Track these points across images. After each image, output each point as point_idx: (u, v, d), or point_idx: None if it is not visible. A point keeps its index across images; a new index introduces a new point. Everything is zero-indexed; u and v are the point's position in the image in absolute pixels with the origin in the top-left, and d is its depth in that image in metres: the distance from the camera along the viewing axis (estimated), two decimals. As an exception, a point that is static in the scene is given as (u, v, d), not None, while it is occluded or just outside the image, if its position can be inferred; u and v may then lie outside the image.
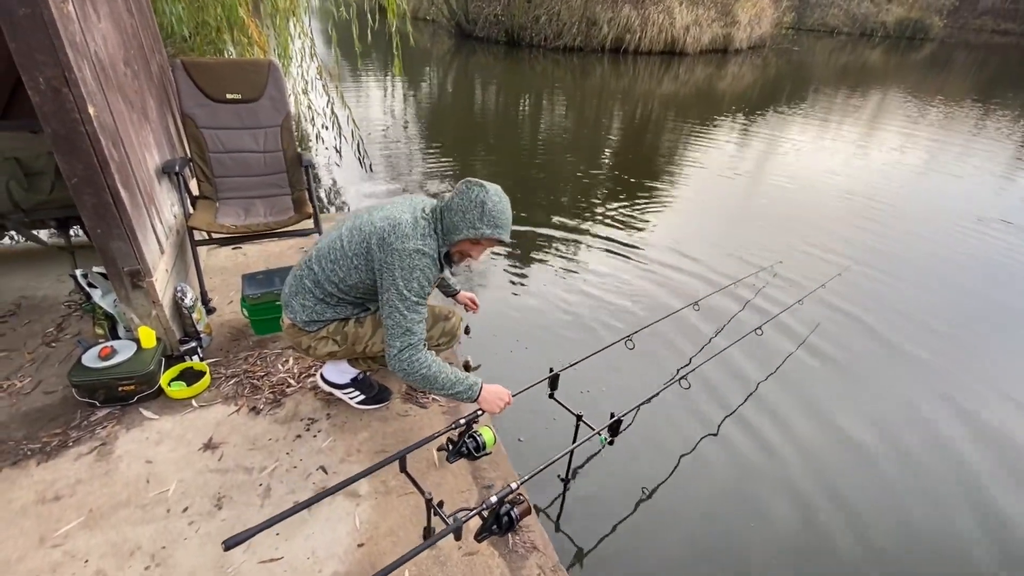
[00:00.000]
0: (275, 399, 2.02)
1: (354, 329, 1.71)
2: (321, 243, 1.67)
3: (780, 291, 3.41)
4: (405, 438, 1.89)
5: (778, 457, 2.23)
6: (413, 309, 1.51)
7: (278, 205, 2.66)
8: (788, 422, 2.40)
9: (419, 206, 1.63)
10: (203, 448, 1.80)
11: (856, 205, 5.08)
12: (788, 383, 2.64)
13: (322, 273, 1.62)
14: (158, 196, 2.17)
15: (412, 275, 1.49)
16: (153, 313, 2.01)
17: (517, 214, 4.53)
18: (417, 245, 1.50)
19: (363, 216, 1.62)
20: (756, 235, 4.36)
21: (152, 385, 1.94)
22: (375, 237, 1.53)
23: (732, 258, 3.90)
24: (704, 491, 2.08)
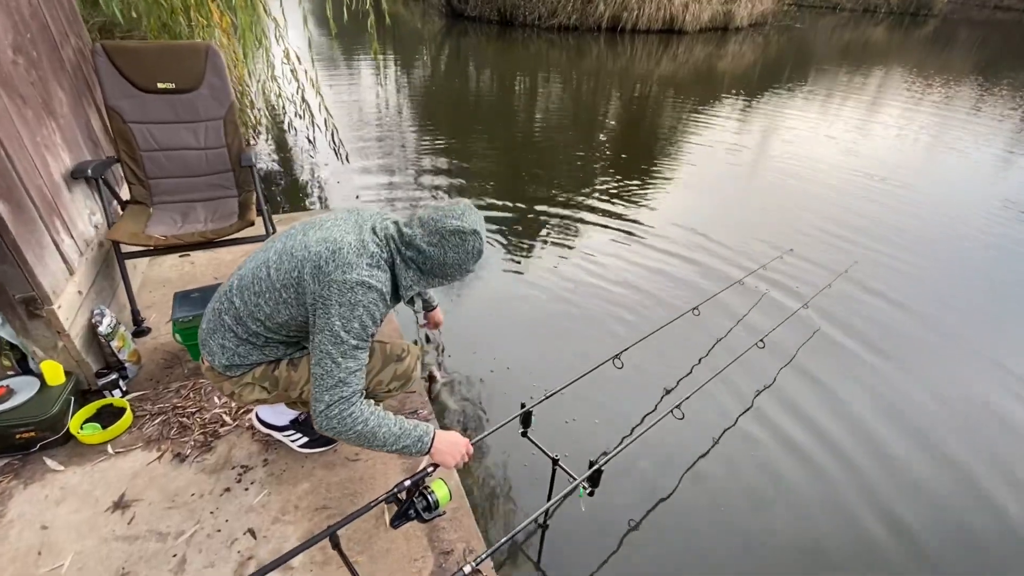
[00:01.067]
0: (205, 442, 1.74)
1: (286, 373, 1.42)
2: (244, 269, 1.36)
3: (786, 291, 3.13)
4: (353, 490, 1.62)
5: (787, 479, 1.97)
6: (350, 355, 1.22)
7: (222, 209, 2.36)
8: (794, 440, 2.14)
9: (368, 225, 1.32)
10: (112, 508, 1.53)
11: (865, 187, 4.77)
12: (795, 400, 2.37)
13: (244, 308, 1.31)
14: (67, 206, 1.87)
15: (353, 313, 1.20)
16: (59, 344, 1.73)
17: (512, 204, 4.30)
18: (361, 276, 1.20)
19: (296, 236, 1.32)
20: (762, 222, 4.05)
21: (58, 431, 1.66)
22: (309, 264, 1.23)
23: (737, 249, 3.61)
24: (699, 521, 1.82)
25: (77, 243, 1.90)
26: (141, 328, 2.19)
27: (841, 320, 2.94)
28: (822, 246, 3.75)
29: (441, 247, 1.26)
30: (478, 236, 1.29)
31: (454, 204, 1.30)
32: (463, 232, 1.26)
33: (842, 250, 3.70)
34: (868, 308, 3.08)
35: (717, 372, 2.00)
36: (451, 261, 1.28)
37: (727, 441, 2.15)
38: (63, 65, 2.04)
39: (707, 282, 3.22)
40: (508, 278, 3.25)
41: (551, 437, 2.02)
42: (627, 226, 3.93)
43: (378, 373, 1.48)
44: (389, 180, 4.48)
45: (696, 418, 2.17)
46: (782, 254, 3.36)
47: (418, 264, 1.29)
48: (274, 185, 4.31)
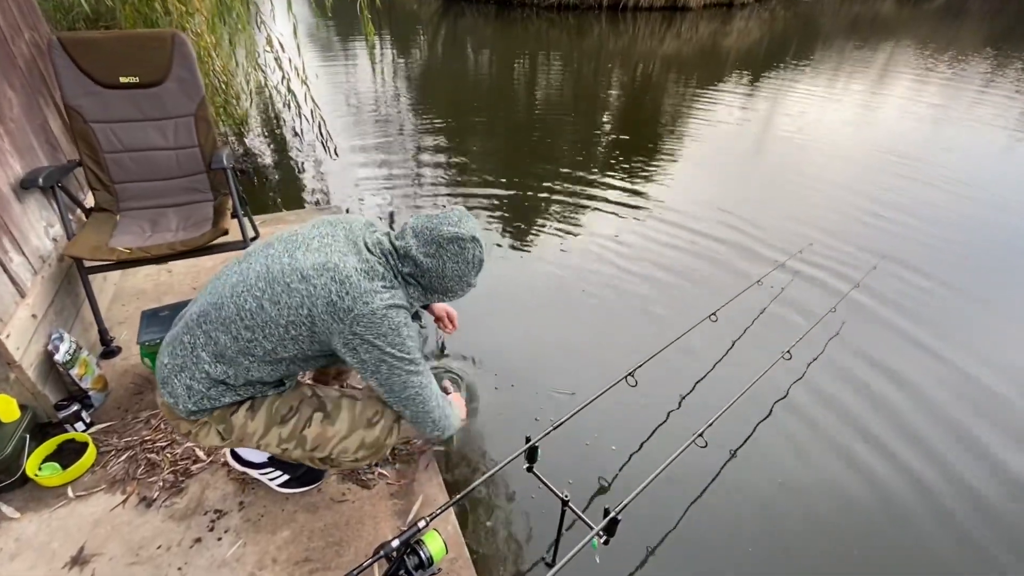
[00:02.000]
0: (175, 482, 1.57)
1: (243, 420, 1.23)
2: (219, 296, 1.15)
3: (809, 287, 2.93)
4: (339, 538, 1.46)
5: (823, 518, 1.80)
6: (422, 369, 1.22)
7: (195, 215, 2.16)
8: (843, 479, 1.97)
9: (358, 241, 1.17)
10: (69, 565, 1.37)
11: (881, 166, 4.53)
12: (831, 428, 2.19)
13: (234, 344, 1.12)
14: (16, 220, 1.68)
15: (399, 335, 1.13)
16: (11, 376, 1.55)
17: (513, 190, 4.08)
18: (385, 300, 1.11)
19: (280, 258, 1.13)
20: (778, 210, 3.83)
21: (12, 473, 1.50)
22: (320, 303, 1.08)
23: (754, 241, 3.40)
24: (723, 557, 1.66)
25: (30, 260, 1.71)
26: (110, 348, 2.01)
27: (870, 333, 2.75)
28: (845, 237, 3.53)
29: (439, 257, 1.16)
30: (478, 244, 1.20)
31: (448, 211, 1.21)
32: (461, 239, 1.17)
33: (869, 241, 3.49)
34: (899, 308, 2.88)
35: (742, 392, 1.82)
36: (450, 273, 1.19)
37: (753, 468, 1.97)
38: (14, 62, 1.83)
39: (723, 278, 3.02)
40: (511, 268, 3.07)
41: (560, 468, 1.86)
42: (635, 212, 3.73)
43: (342, 439, 1.28)
44: (387, 172, 4.26)
45: (720, 443, 2.01)
46: (802, 249, 3.16)
47: (417, 279, 1.21)
48: (263, 182, 4.09)
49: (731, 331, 2.56)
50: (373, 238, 1.20)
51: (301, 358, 1.19)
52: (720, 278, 3.05)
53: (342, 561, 1.39)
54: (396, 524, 1.49)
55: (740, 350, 2.50)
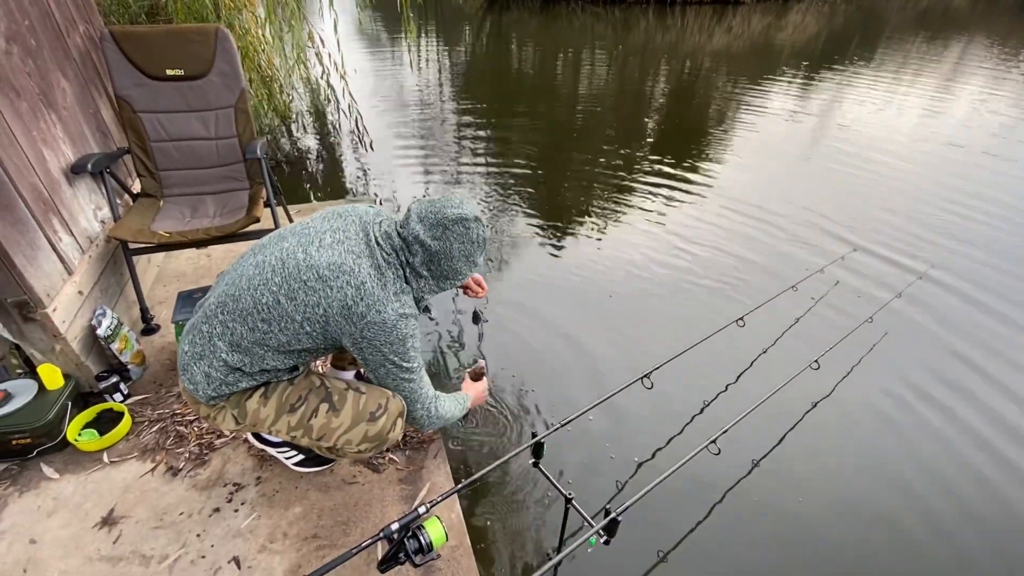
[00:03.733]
0: (200, 454, 1.66)
1: (256, 405, 1.28)
2: (236, 287, 1.20)
3: (849, 295, 2.79)
4: (346, 518, 1.50)
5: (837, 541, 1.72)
6: (417, 373, 1.31)
7: (231, 203, 2.26)
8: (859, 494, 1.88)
9: (369, 234, 1.21)
10: (100, 524, 1.47)
11: (941, 175, 4.25)
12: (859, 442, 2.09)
13: (250, 335, 1.17)
14: (67, 203, 1.80)
15: (404, 345, 1.22)
16: (56, 348, 1.67)
17: (552, 184, 4.07)
18: (395, 311, 1.18)
19: (295, 253, 1.16)
20: (823, 214, 3.66)
21: (54, 437, 1.62)
22: (336, 305, 1.14)
23: (795, 245, 3.27)
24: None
25: (78, 241, 1.83)
26: (150, 326, 2.14)
27: (916, 342, 2.59)
28: (890, 245, 3.34)
29: (445, 239, 1.19)
30: (480, 223, 1.24)
31: (449, 195, 1.26)
32: (466, 219, 1.20)
33: (916, 249, 3.29)
34: (947, 324, 2.70)
35: (761, 401, 1.76)
36: (456, 253, 1.22)
37: (770, 482, 1.90)
38: (68, 53, 1.96)
39: (758, 282, 2.92)
40: (543, 263, 3.07)
41: (569, 467, 1.86)
42: (674, 212, 3.64)
43: (346, 431, 1.31)
44: (423, 166, 4.33)
45: (738, 453, 1.94)
46: (844, 255, 3.01)
47: (428, 267, 1.23)
48: (301, 173, 4.23)
49: (760, 337, 2.47)
50: (381, 231, 1.22)
51: (313, 350, 1.25)
52: (754, 282, 2.95)
53: (348, 540, 1.44)
54: (402, 508, 1.52)
55: (768, 357, 2.41)
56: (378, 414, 1.32)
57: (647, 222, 3.57)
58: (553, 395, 2.17)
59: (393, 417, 1.34)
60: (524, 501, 1.76)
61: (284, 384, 1.31)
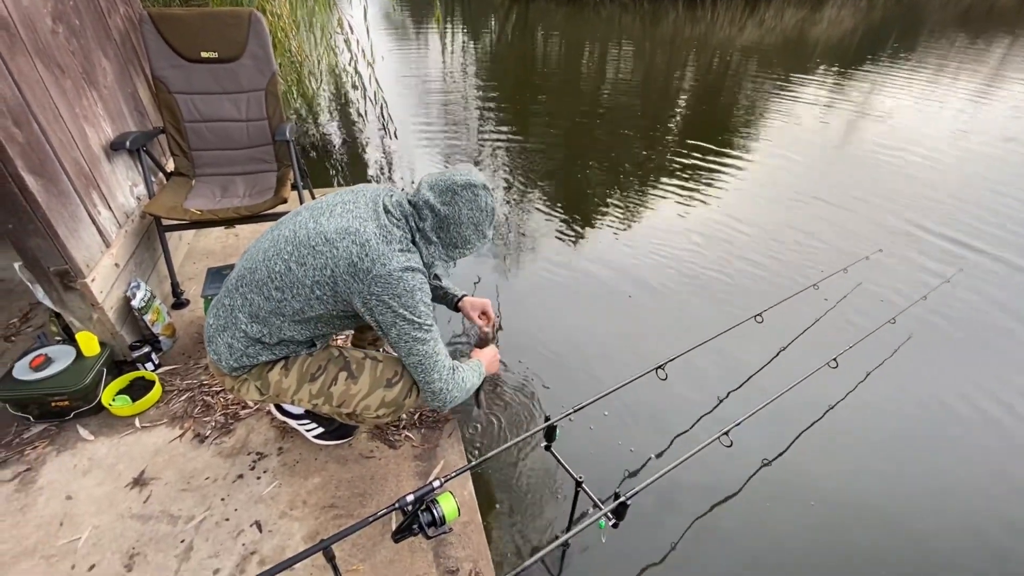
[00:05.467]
0: (225, 424, 1.73)
1: (278, 377, 1.34)
2: (252, 261, 1.27)
3: (872, 296, 2.75)
4: (363, 490, 1.55)
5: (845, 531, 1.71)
6: (431, 334, 1.25)
7: (260, 184, 2.32)
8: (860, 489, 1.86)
9: (380, 206, 1.25)
10: (131, 484, 1.54)
11: (977, 178, 4.13)
12: (871, 438, 2.07)
13: (267, 304, 1.23)
14: (106, 178, 1.87)
15: (413, 298, 1.19)
16: (94, 316, 1.75)
17: (573, 177, 4.08)
18: (400, 263, 1.18)
19: (306, 223, 1.23)
20: (850, 213, 3.59)
21: (90, 401, 1.70)
22: (343, 263, 1.16)
23: (818, 244, 3.22)
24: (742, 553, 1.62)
25: (116, 215, 1.91)
26: (180, 300, 2.22)
27: (938, 344, 2.54)
28: (918, 247, 3.27)
29: (454, 204, 1.23)
30: (488, 192, 1.27)
31: (458, 166, 1.30)
32: (474, 186, 1.24)
33: (944, 252, 3.21)
34: (972, 329, 2.64)
35: (779, 394, 1.75)
36: (465, 219, 1.25)
37: (782, 478, 1.90)
38: (109, 34, 2.03)
39: (780, 279, 2.89)
40: (562, 253, 3.08)
41: (581, 453, 1.88)
42: (694, 209, 3.61)
43: (364, 397, 1.36)
44: (446, 154, 4.36)
45: (750, 447, 1.95)
46: (869, 255, 2.95)
47: (437, 233, 1.26)
48: (326, 158, 4.30)
49: (778, 334, 2.45)
50: (392, 200, 1.27)
51: (327, 317, 1.27)
52: (775, 279, 2.91)
53: (364, 511, 1.49)
54: (416, 484, 1.57)
55: (788, 355, 2.39)
56: (395, 380, 1.36)
57: (668, 216, 3.55)
58: (567, 383, 2.20)
59: (409, 383, 1.38)
60: (535, 482, 1.79)
61: (304, 356, 1.36)
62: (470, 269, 2.88)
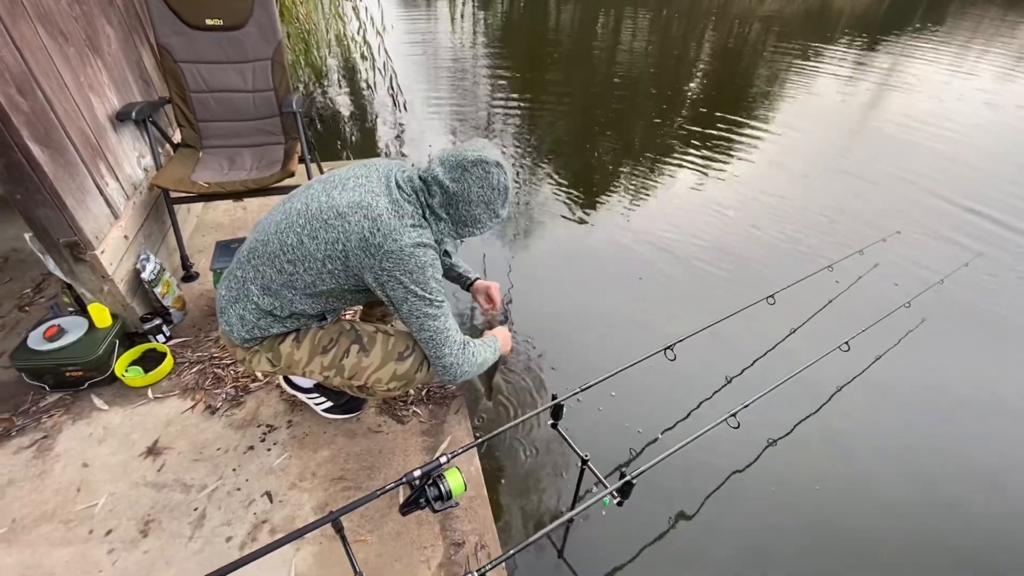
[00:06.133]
0: (236, 396, 1.75)
1: (289, 349, 1.34)
2: (265, 233, 1.26)
3: (888, 278, 2.70)
4: (371, 463, 1.57)
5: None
6: (442, 310, 1.25)
7: (268, 156, 2.29)
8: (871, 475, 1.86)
9: (392, 181, 1.23)
10: (145, 454, 1.57)
11: (1007, 161, 3.99)
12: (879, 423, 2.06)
13: (278, 277, 1.23)
14: (112, 149, 1.86)
15: (424, 274, 1.19)
16: (104, 288, 1.76)
17: (585, 150, 4.01)
18: (412, 238, 1.17)
19: (318, 196, 1.21)
20: (869, 192, 3.51)
21: (103, 371, 1.72)
22: (354, 238, 1.15)
23: (834, 224, 3.16)
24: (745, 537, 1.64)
25: (123, 187, 1.90)
26: (190, 273, 2.22)
27: (952, 329, 2.50)
28: (938, 228, 3.19)
29: (464, 181, 1.19)
30: (502, 169, 1.22)
31: (471, 141, 1.26)
32: (485, 162, 1.20)
33: (965, 234, 3.13)
34: (987, 315, 2.59)
35: (786, 378, 1.73)
36: (476, 197, 1.21)
37: (789, 461, 1.90)
38: (112, 0, 1.99)
39: (792, 260, 2.85)
40: (571, 231, 3.04)
41: (587, 431, 1.88)
42: (708, 184, 3.55)
43: (376, 370, 1.36)
44: (456, 126, 4.29)
45: (758, 429, 1.94)
46: (886, 236, 2.89)
47: (447, 210, 1.23)
48: (335, 131, 4.25)
49: (790, 316, 2.42)
50: (403, 175, 1.25)
51: (338, 291, 1.27)
52: (789, 259, 2.87)
53: (372, 483, 1.51)
54: (424, 458, 1.59)
55: (799, 337, 2.36)
56: (406, 354, 1.37)
57: (681, 191, 3.48)
58: (575, 362, 2.19)
59: (421, 357, 1.38)
60: (541, 459, 1.81)
61: (315, 329, 1.36)
62: (478, 244, 2.86)
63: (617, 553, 1.59)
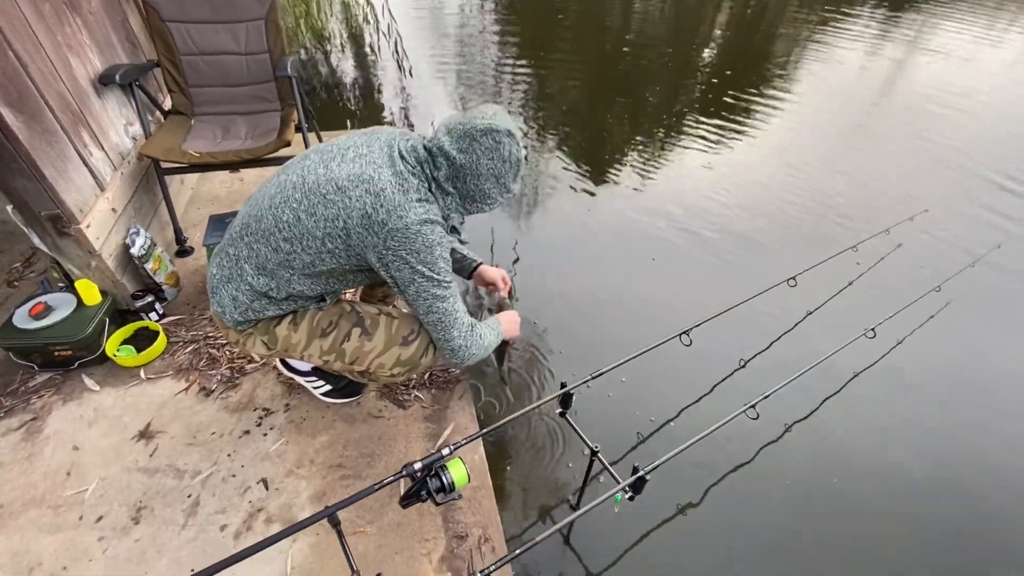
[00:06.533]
0: (231, 378, 1.68)
1: (286, 332, 1.26)
2: (258, 208, 1.16)
3: (915, 260, 2.57)
4: (371, 450, 1.51)
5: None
6: (450, 291, 1.18)
7: (263, 125, 2.17)
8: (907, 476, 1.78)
9: (393, 148, 1.13)
10: (137, 437, 1.52)
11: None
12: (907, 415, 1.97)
13: (274, 256, 1.13)
14: (96, 115, 1.75)
15: (432, 254, 1.10)
16: (92, 264, 1.68)
17: (595, 121, 3.83)
18: (419, 215, 1.08)
19: (315, 169, 1.11)
20: (894, 168, 3.34)
21: (93, 351, 1.66)
22: (356, 215, 1.06)
23: (858, 202, 3.01)
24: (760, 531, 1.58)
25: (110, 156, 1.79)
26: (184, 248, 2.14)
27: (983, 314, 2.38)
28: (969, 206, 3.03)
29: (472, 152, 1.10)
30: (513, 139, 1.12)
31: (482, 107, 1.15)
32: (495, 131, 1.09)
33: (998, 213, 2.98)
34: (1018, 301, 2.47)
35: (808, 367, 1.64)
36: (485, 170, 1.12)
37: (809, 453, 1.82)
38: (93, -48, 1.84)
39: (816, 240, 2.71)
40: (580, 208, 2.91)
41: (595, 418, 1.80)
42: (725, 157, 3.38)
43: (379, 355, 1.28)
44: (463, 94, 4.11)
45: (777, 419, 1.86)
46: (913, 215, 2.74)
47: (453, 183, 1.14)
48: (337, 98, 4.08)
49: (813, 300, 2.31)
50: (407, 145, 1.14)
51: (339, 272, 1.18)
52: (811, 239, 2.74)
53: (372, 472, 1.45)
54: (426, 446, 1.52)
55: (822, 322, 2.26)
56: (411, 338, 1.29)
57: (697, 164, 3.33)
58: (584, 345, 2.11)
59: (426, 342, 1.30)
60: (548, 449, 1.73)
61: (313, 310, 1.28)
62: (486, 217, 2.74)
63: (625, 542, 1.53)
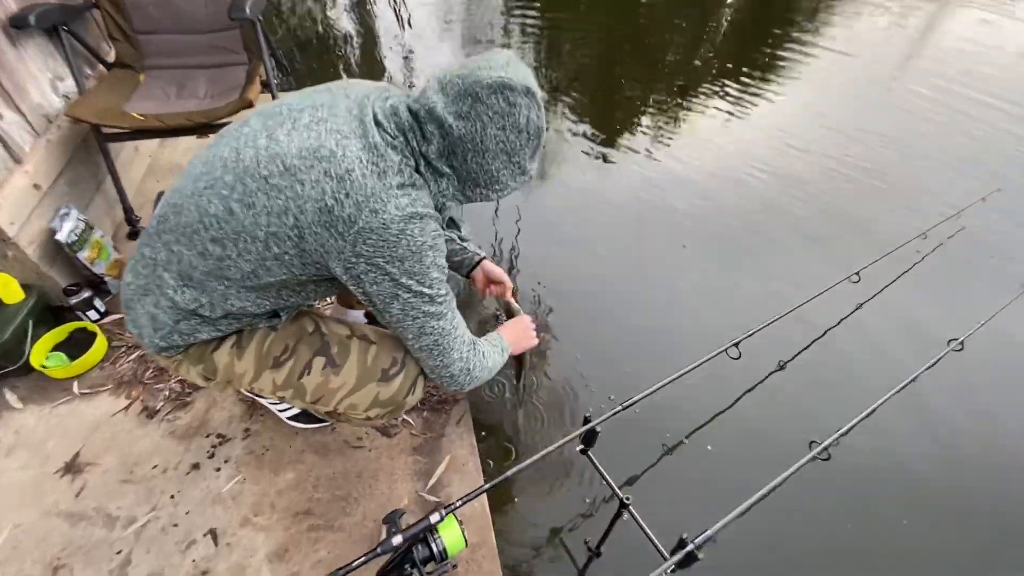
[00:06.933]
0: (182, 393, 1.39)
1: (228, 359, 0.94)
2: (179, 196, 0.83)
3: (992, 249, 2.22)
4: (347, 492, 1.23)
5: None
6: (447, 305, 0.88)
7: (226, 81, 1.82)
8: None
9: (365, 109, 0.79)
10: (63, 471, 1.24)
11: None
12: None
13: (201, 263, 0.81)
14: (9, 67, 1.40)
15: (423, 261, 0.79)
16: (9, 254, 1.37)
17: (608, 85, 3.41)
18: (401, 207, 0.76)
19: (255, 139, 0.78)
20: (953, 141, 2.93)
21: (14, 360, 1.36)
22: (310, 208, 0.74)
23: (918, 178, 2.64)
24: None
25: (29, 119, 1.46)
26: (137, 229, 1.82)
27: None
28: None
29: (475, 119, 0.77)
30: (533, 99, 0.79)
31: (489, 54, 0.81)
32: (509, 88, 0.76)
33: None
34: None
35: (886, 396, 1.32)
36: (492, 144, 0.79)
37: (885, 494, 1.52)
38: None
39: (875, 225, 2.35)
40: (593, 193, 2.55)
41: (621, 454, 1.44)
42: (758, 129, 2.98)
43: (350, 393, 0.97)
44: (466, 50, 3.68)
45: (849, 457, 1.52)
46: (985, 195, 2.36)
47: (448, 161, 0.82)
48: (329, 51, 3.66)
49: (880, 301, 1.94)
50: (385, 107, 0.80)
51: (293, 284, 0.86)
52: (870, 225, 2.36)
53: (347, 521, 1.17)
54: (414, 487, 1.24)
55: (889, 327, 1.90)
56: (393, 372, 0.97)
57: (730, 133, 2.93)
58: (607, 357, 1.74)
59: (413, 375, 0.99)
60: (565, 493, 1.40)
61: (263, 331, 0.96)
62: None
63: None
